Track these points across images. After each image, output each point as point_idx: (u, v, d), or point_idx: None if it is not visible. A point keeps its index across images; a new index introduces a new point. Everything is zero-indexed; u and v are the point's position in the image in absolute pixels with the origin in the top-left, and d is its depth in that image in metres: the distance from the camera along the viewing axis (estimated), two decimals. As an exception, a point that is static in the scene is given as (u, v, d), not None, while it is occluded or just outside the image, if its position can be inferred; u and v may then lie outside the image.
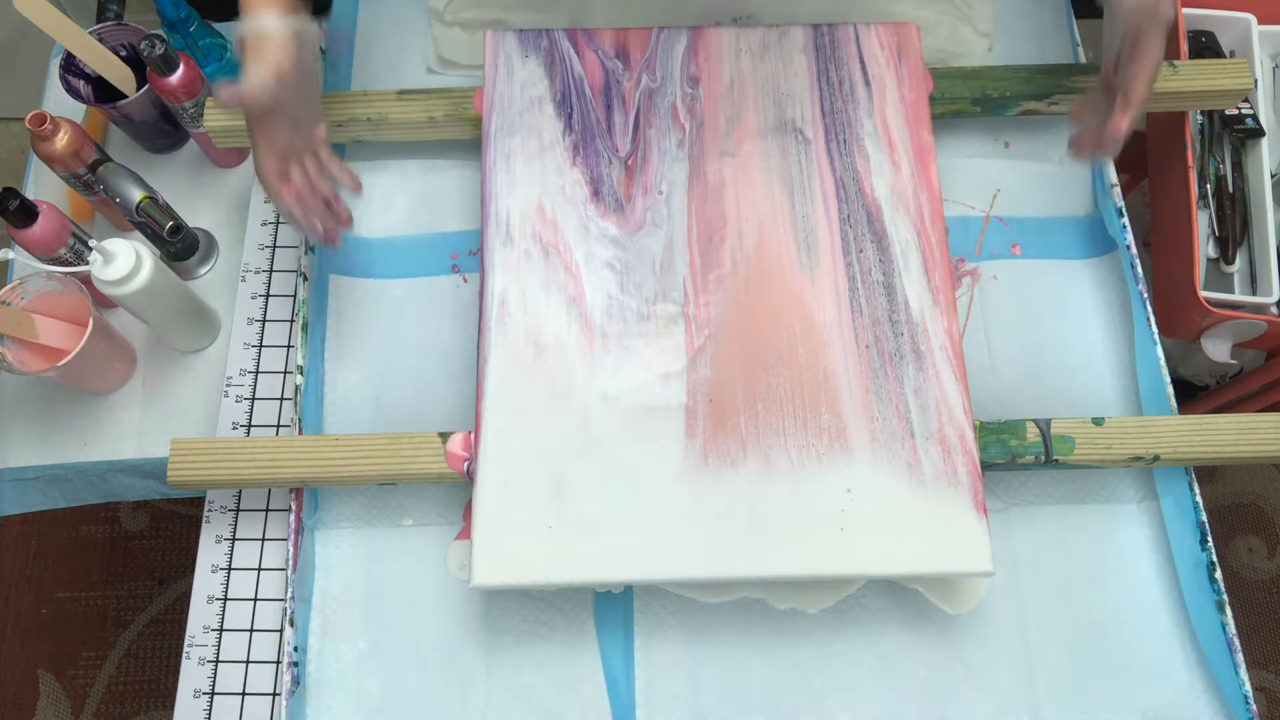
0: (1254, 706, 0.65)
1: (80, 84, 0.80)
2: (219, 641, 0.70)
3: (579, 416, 0.68)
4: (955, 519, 0.65)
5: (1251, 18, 0.94)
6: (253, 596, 0.72)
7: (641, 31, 0.80)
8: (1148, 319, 0.75)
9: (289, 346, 0.79)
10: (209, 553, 0.73)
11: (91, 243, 0.68)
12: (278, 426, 0.76)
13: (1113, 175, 0.81)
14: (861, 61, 0.78)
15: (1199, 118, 0.94)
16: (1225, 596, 0.68)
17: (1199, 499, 0.71)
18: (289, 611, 0.68)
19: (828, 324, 0.70)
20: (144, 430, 0.78)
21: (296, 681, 0.67)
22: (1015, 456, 0.69)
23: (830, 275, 0.71)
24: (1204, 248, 0.92)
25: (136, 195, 0.75)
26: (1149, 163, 0.99)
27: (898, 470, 0.66)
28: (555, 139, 0.76)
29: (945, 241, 0.72)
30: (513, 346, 0.70)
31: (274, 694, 0.69)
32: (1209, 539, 0.69)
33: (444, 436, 0.69)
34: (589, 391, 0.68)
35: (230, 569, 0.72)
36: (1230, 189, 0.92)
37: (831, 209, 0.73)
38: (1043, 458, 0.69)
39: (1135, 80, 0.64)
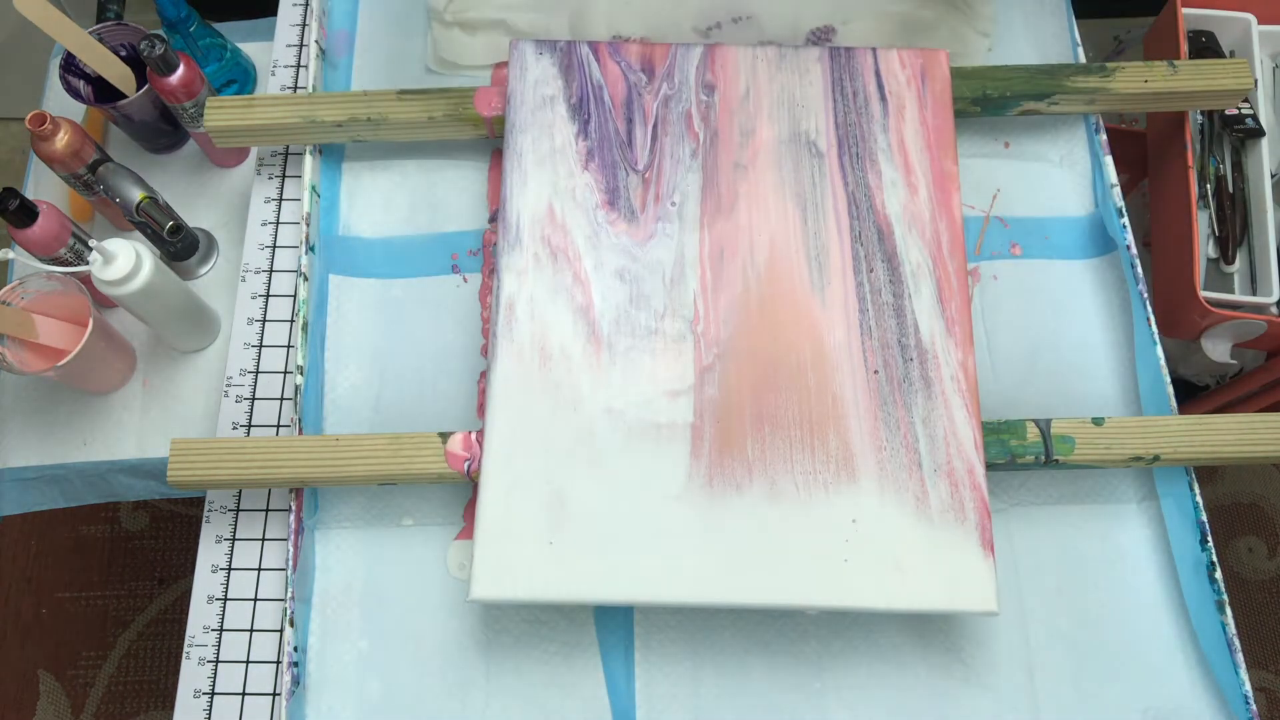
0: (1254, 706, 0.65)
1: (80, 84, 0.80)
2: (219, 641, 0.70)
3: (584, 430, 0.67)
4: (961, 556, 0.64)
5: (1251, 18, 0.95)
6: (253, 596, 0.72)
7: (663, 47, 0.79)
8: (1148, 319, 0.75)
9: (289, 346, 0.79)
10: (209, 553, 0.73)
11: (91, 243, 0.68)
12: (278, 426, 0.76)
13: (1113, 175, 0.81)
14: (878, 75, 0.77)
15: (1199, 118, 0.94)
16: (1225, 596, 0.68)
17: (1199, 499, 0.71)
18: (289, 611, 0.68)
19: (838, 346, 0.69)
20: (144, 430, 0.78)
21: (296, 681, 0.67)
22: (1015, 456, 0.69)
23: (841, 295, 0.71)
24: (1204, 248, 0.92)
25: (136, 195, 0.75)
26: (1149, 163, 0.99)
27: (905, 502, 0.65)
28: (567, 141, 0.76)
29: (965, 274, 0.71)
30: (519, 353, 0.69)
31: (274, 694, 0.69)
32: (1209, 539, 0.69)
33: (444, 436, 0.69)
34: (594, 404, 0.68)
35: (230, 569, 0.72)
36: (1230, 189, 0.92)
37: (843, 225, 0.73)
38: (1043, 458, 0.69)
39: None
